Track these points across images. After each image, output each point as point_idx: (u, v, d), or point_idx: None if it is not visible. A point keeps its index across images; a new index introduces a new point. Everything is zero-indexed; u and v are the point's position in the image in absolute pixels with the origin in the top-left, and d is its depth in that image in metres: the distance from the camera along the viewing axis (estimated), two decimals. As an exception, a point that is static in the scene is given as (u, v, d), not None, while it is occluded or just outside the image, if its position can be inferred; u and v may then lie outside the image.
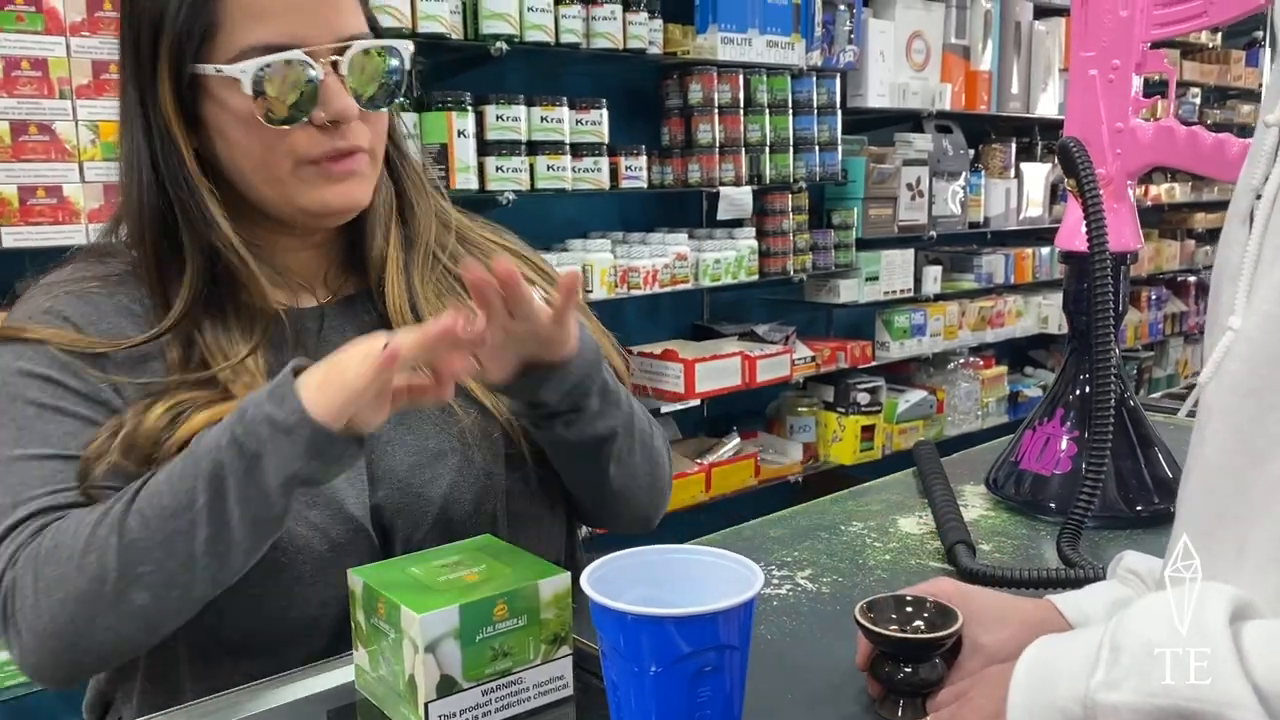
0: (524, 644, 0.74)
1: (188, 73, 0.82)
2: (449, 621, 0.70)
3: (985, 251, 3.82)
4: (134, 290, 0.89)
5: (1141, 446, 1.15)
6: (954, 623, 0.74)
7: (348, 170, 0.85)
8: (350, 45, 0.83)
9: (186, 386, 0.84)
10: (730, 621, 0.62)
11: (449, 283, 0.97)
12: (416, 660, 0.70)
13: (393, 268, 0.93)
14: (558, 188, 2.48)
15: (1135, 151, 1.09)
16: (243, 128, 0.82)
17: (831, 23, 3.02)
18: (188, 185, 0.84)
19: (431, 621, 0.69)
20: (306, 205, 0.86)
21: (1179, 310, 4.89)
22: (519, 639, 0.74)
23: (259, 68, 0.79)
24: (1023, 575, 0.93)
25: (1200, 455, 0.64)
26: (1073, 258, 1.15)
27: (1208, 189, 4.95)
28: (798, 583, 1.00)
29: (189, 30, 0.80)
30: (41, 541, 0.77)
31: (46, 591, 0.76)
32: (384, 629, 0.74)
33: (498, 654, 0.73)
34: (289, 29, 0.80)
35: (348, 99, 0.82)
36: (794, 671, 0.83)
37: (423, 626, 0.69)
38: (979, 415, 3.74)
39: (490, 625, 0.72)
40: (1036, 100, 3.81)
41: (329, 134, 0.83)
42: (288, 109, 0.81)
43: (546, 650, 0.75)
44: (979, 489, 1.26)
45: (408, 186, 0.96)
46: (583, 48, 2.48)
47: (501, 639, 0.73)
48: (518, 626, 0.73)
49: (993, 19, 3.57)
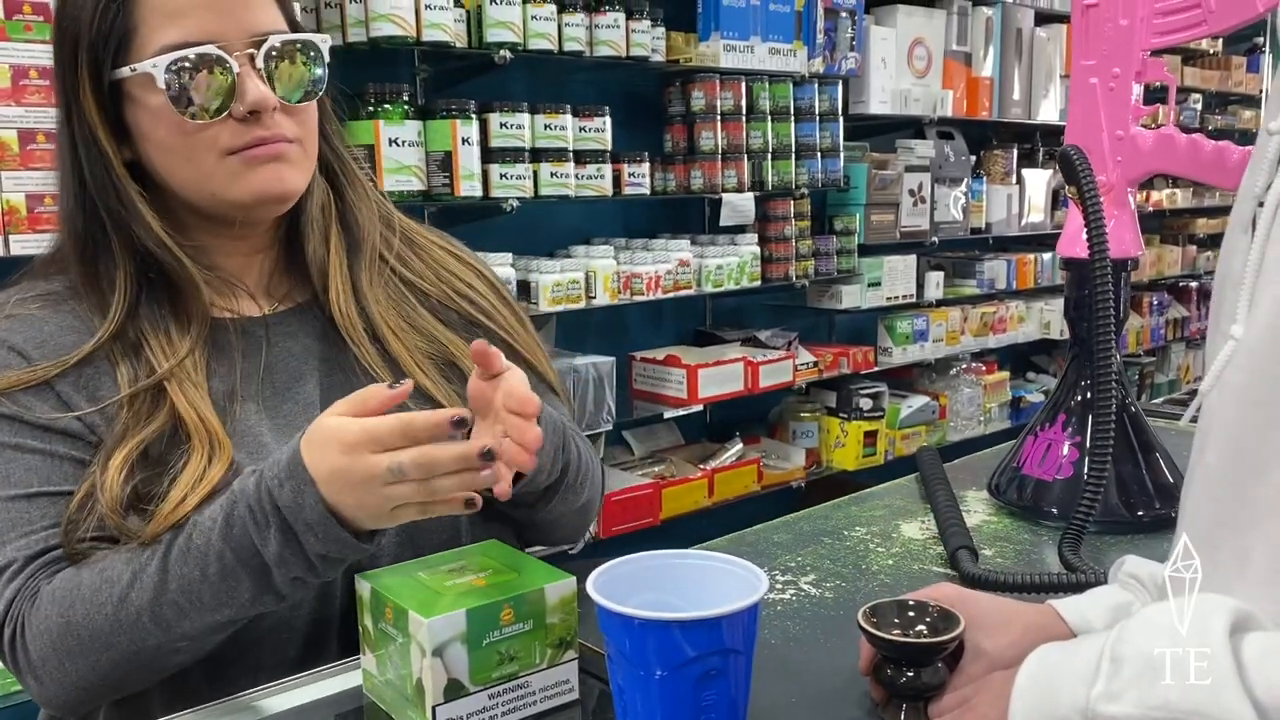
0: (530, 648, 0.75)
1: (108, 79, 0.83)
2: (456, 626, 0.71)
3: (987, 257, 3.82)
4: (78, 305, 0.88)
5: (1143, 452, 1.16)
6: (956, 627, 0.74)
7: (271, 154, 0.85)
8: (266, 40, 0.84)
9: (139, 408, 0.84)
10: (735, 626, 0.63)
11: (397, 286, 0.96)
12: (424, 664, 0.71)
13: (336, 273, 0.93)
14: (561, 194, 2.49)
15: (1136, 159, 1.10)
16: (164, 126, 0.83)
17: (833, 30, 3.03)
18: (115, 189, 0.85)
19: (439, 626, 0.70)
20: (236, 197, 0.86)
21: (1181, 315, 4.89)
22: (525, 643, 0.74)
23: (171, 63, 0.81)
24: (1025, 580, 0.94)
25: (1202, 463, 0.65)
26: (1074, 264, 1.15)
27: (1209, 195, 4.96)
28: (801, 587, 1.01)
29: (105, 36, 0.82)
30: (47, 607, 0.79)
31: (73, 657, 0.78)
32: (391, 633, 0.75)
33: (504, 658, 0.74)
34: (203, 27, 0.82)
35: (264, 89, 0.83)
36: (797, 676, 0.83)
37: (430, 631, 0.70)
38: (981, 420, 3.75)
39: (497, 629, 0.73)
40: (1038, 106, 3.82)
41: (250, 125, 0.84)
42: (205, 103, 0.82)
43: (552, 654, 0.76)
44: (981, 494, 1.26)
45: (345, 188, 0.96)
46: (586, 56, 2.50)
47: (508, 643, 0.73)
48: (524, 631, 0.74)
49: (994, 26, 3.59)
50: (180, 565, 0.77)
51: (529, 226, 2.68)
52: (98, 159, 0.85)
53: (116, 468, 0.81)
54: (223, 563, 0.76)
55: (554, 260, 2.52)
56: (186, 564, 0.77)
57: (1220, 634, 0.54)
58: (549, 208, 2.64)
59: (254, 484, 0.77)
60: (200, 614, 0.77)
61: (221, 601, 0.77)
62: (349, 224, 0.95)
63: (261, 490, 0.76)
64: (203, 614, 0.77)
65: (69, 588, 0.79)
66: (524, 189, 2.42)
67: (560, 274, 2.48)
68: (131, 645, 0.78)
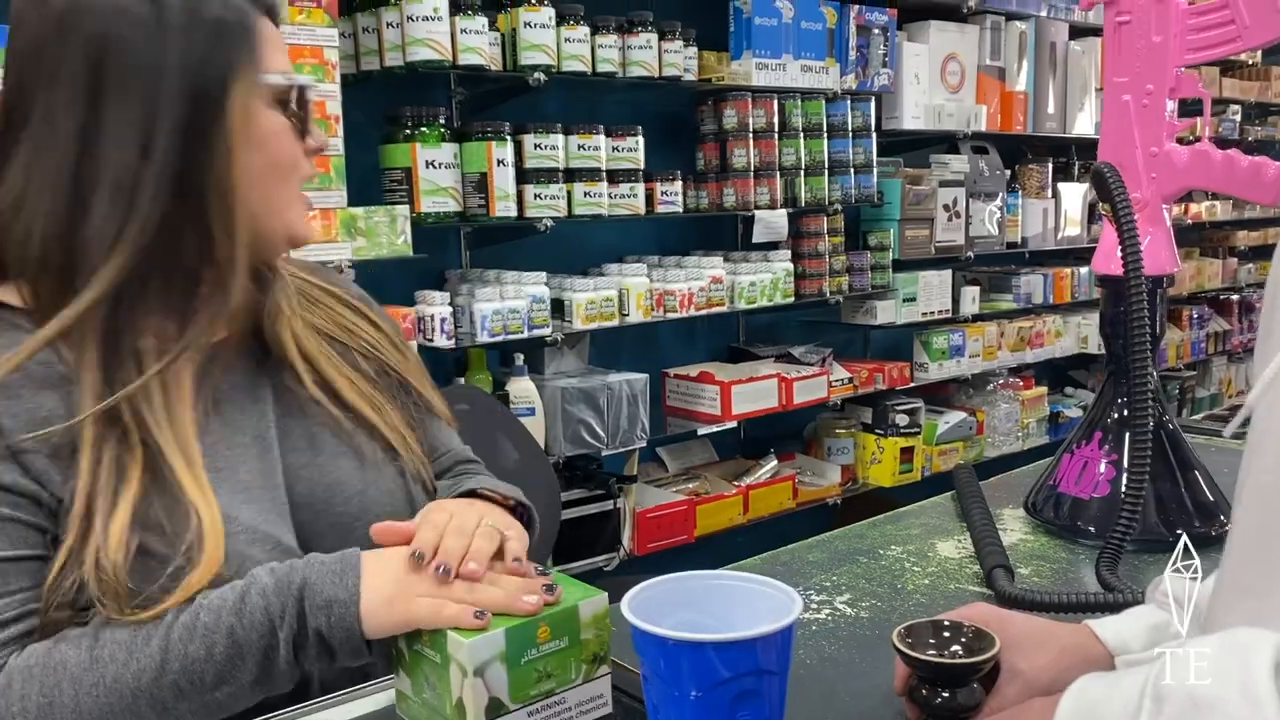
0: (566, 664, 0.76)
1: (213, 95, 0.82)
2: (495, 645, 0.72)
3: (1023, 272, 3.80)
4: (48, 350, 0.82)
5: (1181, 469, 1.15)
6: (992, 647, 0.74)
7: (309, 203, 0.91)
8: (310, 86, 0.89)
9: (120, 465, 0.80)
10: (769, 647, 0.63)
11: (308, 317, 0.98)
12: (465, 684, 0.72)
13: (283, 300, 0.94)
14: (595, 214, 2.51)
15: (1171, 175, 1.09)
16: (276, 148, 0.86)
17: (865, 46, 3.04)
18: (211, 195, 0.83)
19: (479, 646, 0.71)
20: (297, 229, 0.90)
21: (1222, 329, 4.83)
22: (561, 660, 0.75)
23: (295, 87, 0.84)
24: (1063, 600, 0.93)
25: (1251, 476, 0.64)
26: (1109, 281, 1.15)
27: (1250, 207, 4.89)
28: (836, 607, 1.01)
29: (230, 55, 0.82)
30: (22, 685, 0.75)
31: None
32: (428, 654, 0.76)
33: (542, 675, 0.74)
34: (288, 64, 0.86)
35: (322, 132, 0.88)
36: (832, 696, 0.83)
37: (471, 651, 0.71)
38: (1019, 436, 3.71)
39: (534, 648, 0.74)
40: (1073, 120, 3.79)
41: (310, 162, 0.90)
42: (304, 129, 0.87)
43: (587, 670, 0.77)
44: (1018, 512, 1.26)
45: None
46: (619, 76, 2.52)
47: (545, 660, 0.74)
48: (560, 648, 0.75)
49: (1027, 40, 3.57)
50: (185, 643, 0.76)
51: (563, 245, 2.71)
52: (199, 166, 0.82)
53: (120, 528, 0.78)
54: (232, 639, 0.76)
55: (588, 278, 2.54)
56: (192, 641, 0.76)
57: (1265, 673, 0.53)
58: (583, 227, 2.66)
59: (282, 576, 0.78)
60: (199, 694, 0.76)
61: (223, 679, 0.76)
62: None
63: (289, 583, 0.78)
64: (201, 694, 0.76)
65: (52, 665, 0.75)
66: (558, 209, 2.44)
67: (594, 292, 2.50)
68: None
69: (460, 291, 2.41)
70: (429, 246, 2.36)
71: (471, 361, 2.53)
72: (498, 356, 2.61)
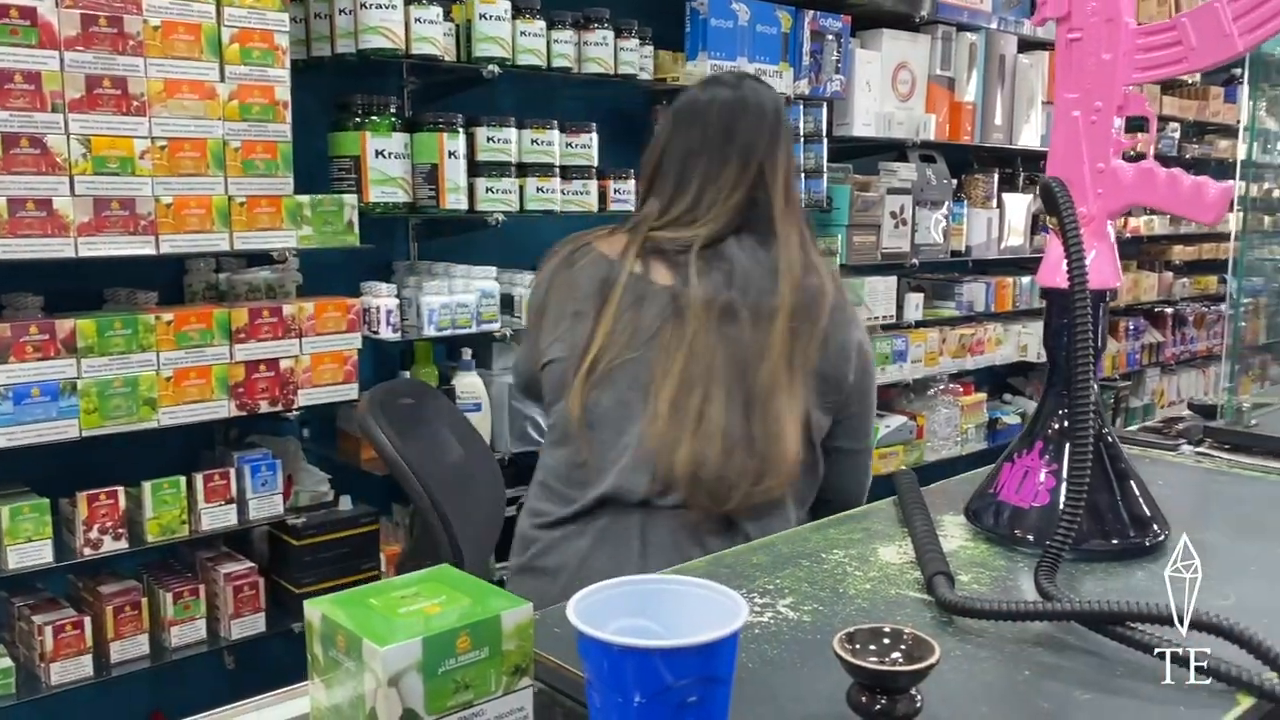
0: (485, 675, 0.74)
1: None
2: (412, 654, 0.70)
3: (966, 280, 3.86)
4: None
5: (1118, 480, 1.17)
6: (931, 655, 0.75)
7: None
8: None
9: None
10: (715, 654, 0.63)
11: None
12: (379, 694, 0.70)
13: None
14: (547, 209, 2.50)
15: (1116, 192, 1.11)
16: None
17: (819, 52, 3.06)
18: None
19: (395, 655, 0.69)
20: None
21: (1156, 341, 4.95)
22: (481, 671, 0.74)
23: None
24: (1002, 608, 0.95)
25: None
26: (1053, 294, 1.17)
27: (1186, 223, 5.02)
28: (779, 610, 1.01)
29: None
30: None
31: None
32: (343, 661, 0.74)
33: (460, 686, 0.73)
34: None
35: None
36: (774, 701, 0.84)
37: (385, 660, 0.69)
38: (958, 441, 3.77)
39: (453, 657, 0.72)
40: (1019, 132, 3.86)
41: None
42: None
43: (508, 681, 0.75)
44: (958, 519, 1.27)
45: None
46: (574, 72, 2.51)
47: (464, 671, 0.73)
48: (480, 658, 0.73)
49: (977, 51, 3.63)
50: None
51: (514, 241, 2.69)
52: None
53: None
54: None
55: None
56: None
57: None
58: (534, 222, 2.64)
59: None
60: None
61: None
62: None
63: None
64: None
65: None
66: (510, 203, 2.42)
67: (544, 288, 2.48)
68: None
69: (407, 284, 2.39)
70: (376, 237, 2.33)
71: (417, 355, 2.51)
72: (444, 351, 2.59)
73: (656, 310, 1.42)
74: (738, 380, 1.40)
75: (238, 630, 2.17)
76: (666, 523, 1.40)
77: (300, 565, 2.26)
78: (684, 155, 1.48)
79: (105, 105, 1.87)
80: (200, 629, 2.16)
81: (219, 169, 2.00)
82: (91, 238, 1.87)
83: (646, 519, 1.40)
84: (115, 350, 1.92)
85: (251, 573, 2.20)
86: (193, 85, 1.96)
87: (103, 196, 1.87)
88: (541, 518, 1.47)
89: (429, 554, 1.73)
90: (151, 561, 2.25)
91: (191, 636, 2.15)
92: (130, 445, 1.98)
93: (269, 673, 2.37)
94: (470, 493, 1.88)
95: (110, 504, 1.98)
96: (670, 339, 1.40)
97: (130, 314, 1.96)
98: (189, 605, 2.14)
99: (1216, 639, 0.84)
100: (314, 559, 2.27)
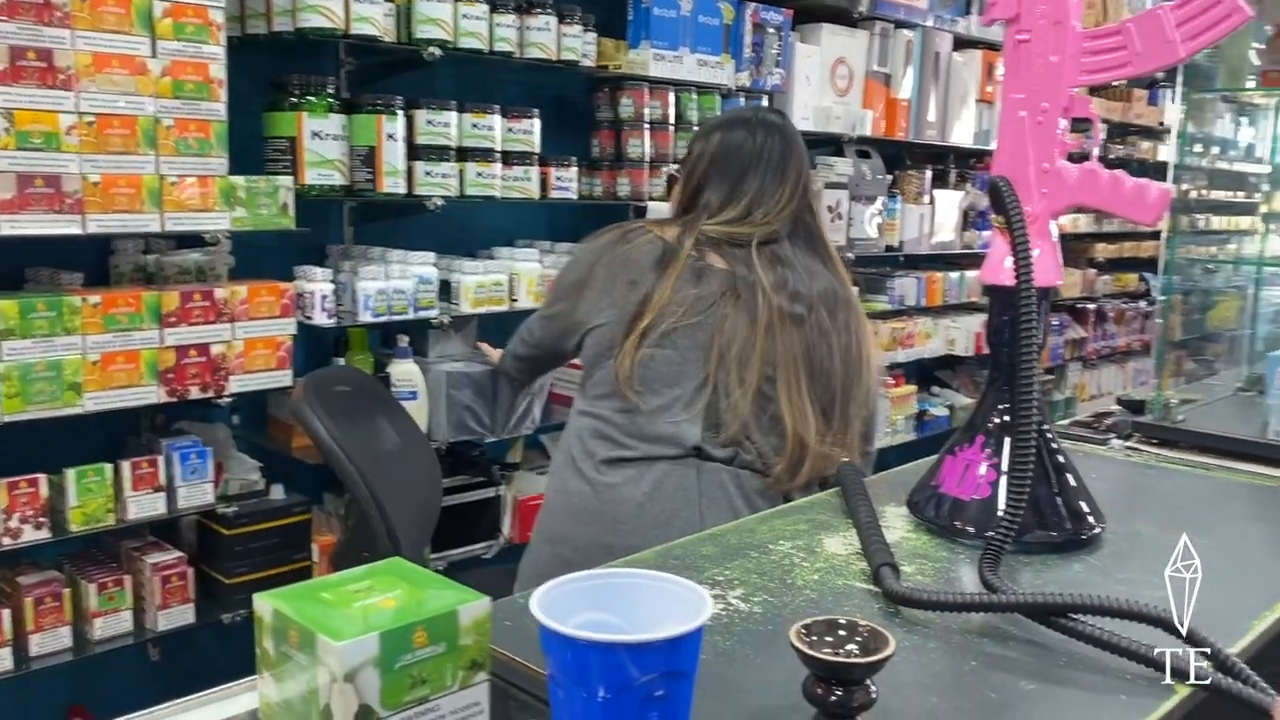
0: (442, 671, 0.73)
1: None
2: (369, 650, 0.69)
3: (898, 274, 3.92)
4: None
5: (1056, 474, 1.20)
6: (886, 647, 0.76)
7: None
8: None
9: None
10: (681, 648, 0.63)
11: None
12: (334, 690, 0.69)
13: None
14: (487, 195, 2.47)
15: (1061, 192, 1.14)
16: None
17: (760, 45, 3.07)
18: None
19: (351, 650, 0.68)
20: None
21: (1079, 336, 5.08)
22: (437, 666, 0.73)
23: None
24: (948, 599, 0.96)
25: None
26: (998, 291, 1.19)
27: (1109, 221, 5.16)
28: (730, 602, 1.02)
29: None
30: None
31: None
32: (296, 657, 0.72)
33: (416, 681, 0.72)
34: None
35: None
36: (728, 692, 0.84)
37: (342, 655, 0.68)
38: (889, 433, 3.83)
39: (410, 652, 0.71)
40: (952, 129, 3.92)
41: None
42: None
43: (464, 676, 0.75)
44: (900, 510, 1.29)
45: None
46: (516, 57, 2.48)
47: (420, 666, 0.72)
48: (437, 653, 0.73)
49: (914, 48, 3.68)
50: None
51: (452, 226, 2.66)
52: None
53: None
54: None
55: (477, 261, 2.50)
56: None
57: None
58: (474, 208, 2.61)
59: None
60: None
61: None
62: None
63: None
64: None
65: None
66: (449, 188, 2.39)
67: (483, 275, 2.46)
68: None
69: (343, 268, 2.34)
70: (311, 220, 2.28)
71: (352, 341, 2.46)
72: (380, 337, 2.55)
73: (717, 285, 1.60)
74: (809, 366, 1.60)
75: (165, 622, 2.12)
76: (717, 477, 1.57)
77: (230, 555, 2.21)
78: (739, 172, 1.67)
79: (29, 78, 1.79)
80: (126, 620, 2.09)
81: (150, 147, 1.93)
82: (14, 215, 1.80)
83: (700, 470, 1.57)
84: (38, 333, 1.86)
85: (180, 562, 2.15)
86: (123, 60, 1.89)
87: (26, 173, 1.80)
88: (593, 458, 1.59)
89: (366, 544, 1.71)
90: (75, 551, 2.18)
91: (116, 628, 2.08)
92: (54, 431, 1.92)
93: (196, 665, 2.32)
94: (407, 482, 1.85)
95: (31, 492, 1.92)
96: (734, 312, 1.58)
97: (55, 295, 1.89)
98: (114, 596, 2.07)
99: (1155, 630, 0.87)
100: (245, 549, 2.22)
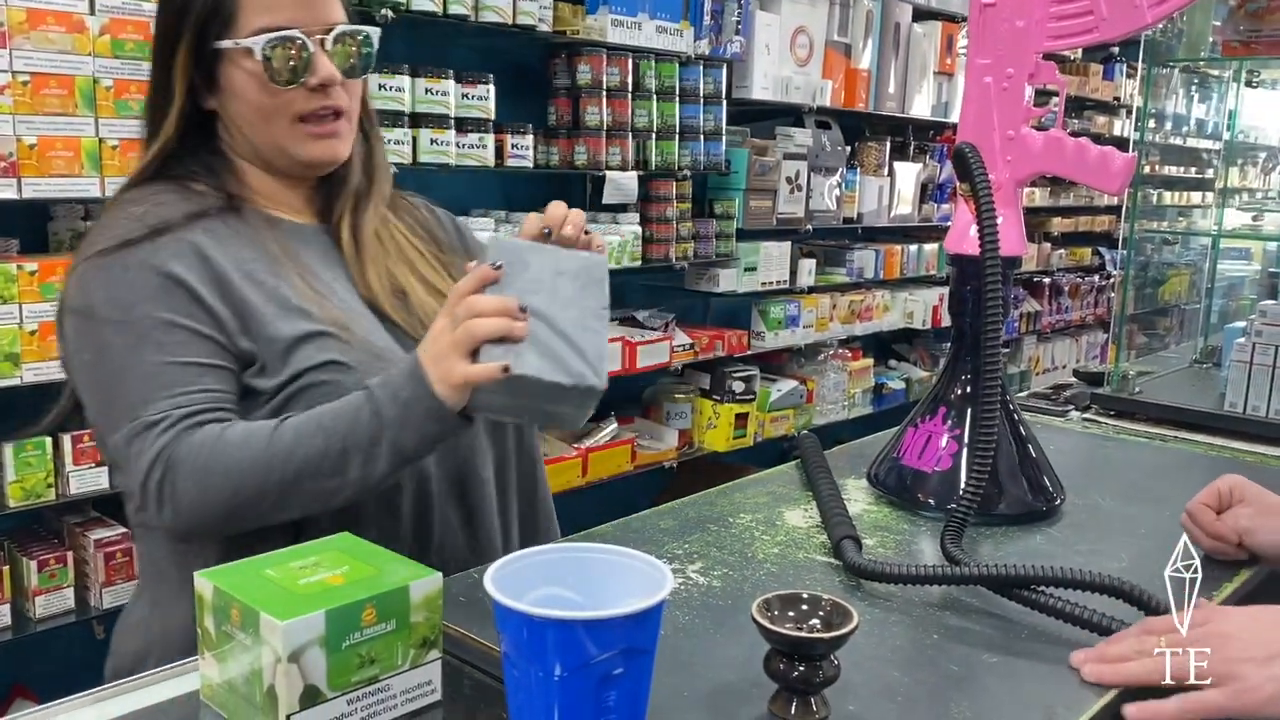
0: (392, 649, 0.71)
1: (210, 46, 1.06)
2: (314, 629, 0.66)
3: (857, 247, 3.91)
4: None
5: (1018, 445, 1.19)
6: (849, 622, 0.74)
7: (329, 132, 1.10)
8: (334, 28, 1.08)
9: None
10: (641, 624, 0.61)
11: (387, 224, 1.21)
12: (278, 670, 0.66)
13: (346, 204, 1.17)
14: (441, 162, 2.42)
15: (1025, 159, 1.12)
16: (254, 89, 1.06)
17: (720, 12, 3.03)
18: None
19: (295, 629, 0.65)
20: (300, 156, 1.10)
21: (1034, 310, 5.12)
22: (387, 644, 0.70)
23: (266, 42, 1.04)
24: (911, 572, 0.95)
25: None
26: (961, 261, 1.17)
27: (1065, 195, 5.20)
28: (689, 576, 1.00)
29: (214, 13, 1.05)
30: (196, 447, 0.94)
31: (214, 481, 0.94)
32: (237, 636, 0.69)
33: (365, 660, 0.69)
34: (289, 16, 1.06)
35: (332, 68, 1.07)
36: (689, 667, 0.82)
37: (285, 634, 0.65)
38: (845, 405, 3.84)
39: (358, 631, 0.68)
40: (911, 101, 3.91)
41: (318, 95, 1.08)
42: (288, 74, 1.06)
43: (415, 655, 0.72)
44: (861, 483, 1.28)
45: (374, 145, 1.22)
46: (471, 20, 2.42)
47: (369, 645, 0.69)
48: (386, 631, 0.70)
49: (874, 19, 3.65)
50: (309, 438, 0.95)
51: (406, 194, 2.60)
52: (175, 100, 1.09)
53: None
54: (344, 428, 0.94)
55: (431, 231, 2.44)
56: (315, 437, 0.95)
57: None
58: (428, 176, 2.55)
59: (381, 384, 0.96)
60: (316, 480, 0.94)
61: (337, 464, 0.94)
62: (370, 172, 1.19)
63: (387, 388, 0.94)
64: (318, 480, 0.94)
65: (215, 434, 0.95)
66: (402, 155, 2.33)
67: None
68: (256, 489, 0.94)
69: (294, 237, 2.28)
70: (261, 187, 2.22)
71: (303, 311, 2.41)
72: (332, 307, 2.49)
73: None
74: None
75: (110, 599, 2.06)
76: None
77: (177, 530, 2.15)
78: None
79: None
80: (68, 598, 2.04)
81: (89, 109, 1.86)
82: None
83: None
84: (-28, 301, 1.79)
85: (124, 539, 2.09)
86: (59, 16, 1.82)
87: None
88: None
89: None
90: (14, 528, 2.11)
91: (58, 606, 2.03)
92: (-11, 403, 1.85)
93: (143, 642, 2.27)
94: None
95: (-33, 466, 1.85)
96: None
97: (-12, 262, 1.82)
98: (55, 574, 2.02)
99: (1116, 601, 0.86)
100: (192, 523, 2.17)
